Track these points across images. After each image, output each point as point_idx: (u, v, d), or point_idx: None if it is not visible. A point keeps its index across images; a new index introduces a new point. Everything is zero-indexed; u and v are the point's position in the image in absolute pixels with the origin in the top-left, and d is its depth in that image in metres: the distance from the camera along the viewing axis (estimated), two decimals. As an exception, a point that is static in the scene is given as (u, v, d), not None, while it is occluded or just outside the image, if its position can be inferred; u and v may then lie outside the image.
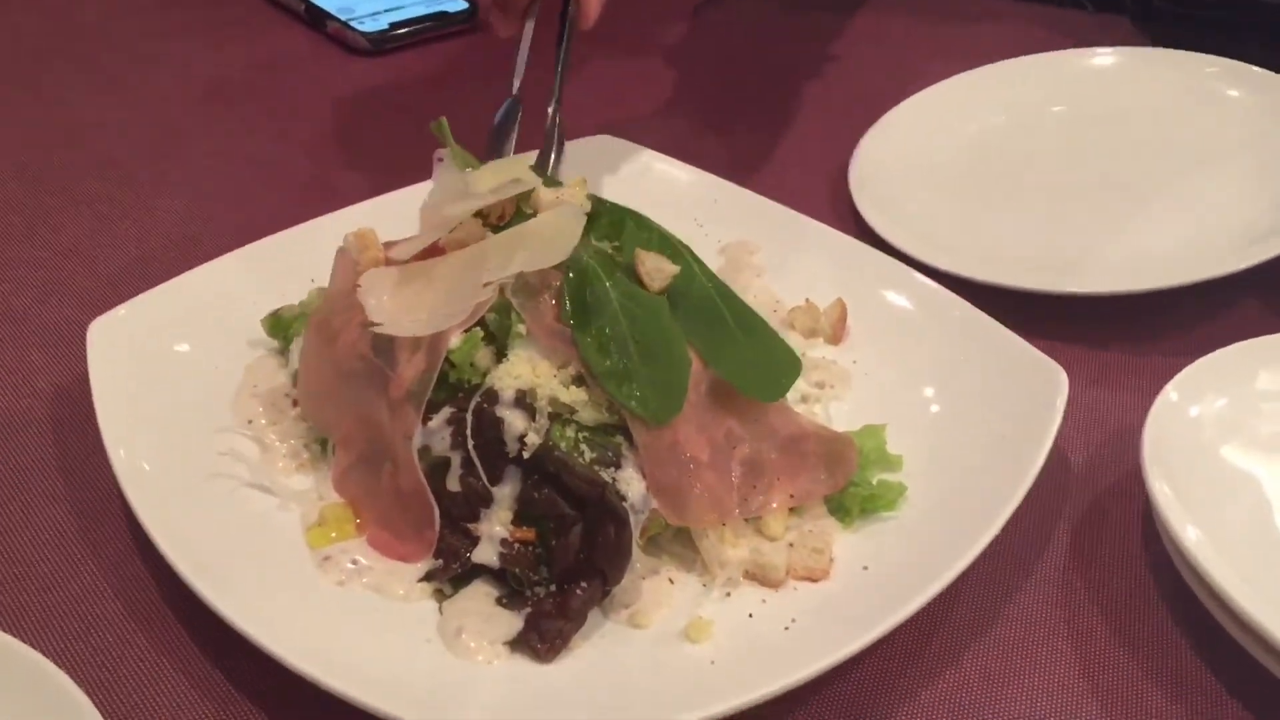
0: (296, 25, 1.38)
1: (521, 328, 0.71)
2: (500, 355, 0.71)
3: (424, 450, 0.70)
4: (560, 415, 0.69)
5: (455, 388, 0.71)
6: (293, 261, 0.89)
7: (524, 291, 0.72)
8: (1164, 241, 0.97)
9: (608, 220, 0.80)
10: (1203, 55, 1.12)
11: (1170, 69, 1.14)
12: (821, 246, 0.94)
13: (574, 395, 0.69)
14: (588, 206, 0.77)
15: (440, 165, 0.81)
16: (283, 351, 0.83)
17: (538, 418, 0.68)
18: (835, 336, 0.88)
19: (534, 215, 0.76)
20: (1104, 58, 1.18)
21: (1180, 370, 0.78)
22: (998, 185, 1.08)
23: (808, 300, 0.89)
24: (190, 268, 0.88)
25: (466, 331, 0.71)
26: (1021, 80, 1.18)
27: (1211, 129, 1.07)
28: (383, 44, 1.32)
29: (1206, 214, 0.99)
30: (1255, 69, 1.08)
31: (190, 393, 0.80)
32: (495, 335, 0.72)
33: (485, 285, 0.71)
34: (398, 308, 0.72)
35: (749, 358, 0.76)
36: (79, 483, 0.79)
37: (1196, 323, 0.94)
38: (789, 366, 0.77)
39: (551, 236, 0.73)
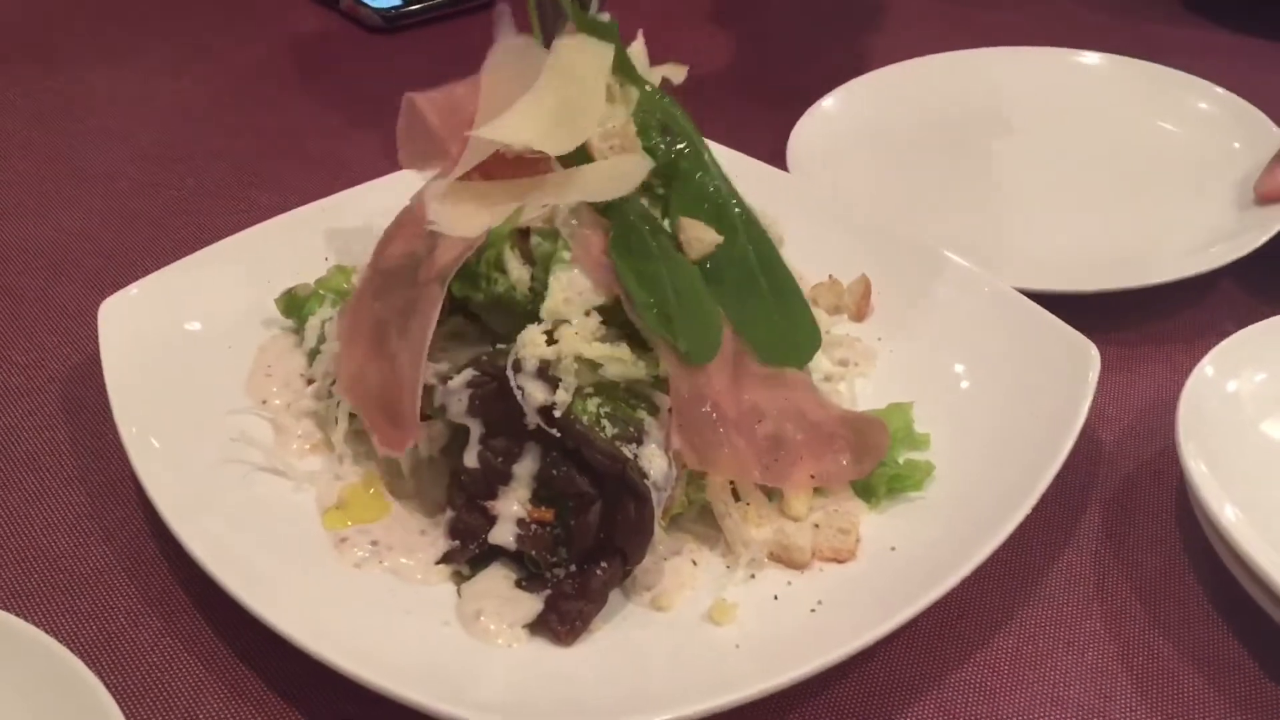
0: (310, 2, 1.37)
1: (566, 254, 0.70)
2: (538, 291, 0.70)
3: (439, 410, 0.69)
4: (582, 389, 0.67)
5: (474, 317, 0.71)
6: (307, 239, 0.88)
7: (571, 226, 0.71)
8: (1127, 240, 0.97)
9: (662, 168, 0.76)
10: (1177, 72, 1.14)
11: (1146, 78, 1.15)
12: (843, 221, 0.92)
13: (599, 350, 0.67)
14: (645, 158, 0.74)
15: (500, 21, 0.77)
16: (297, 330, 0.82)
17: (564, 377, 0.66)
18: (859, 313, 0.86)
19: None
20: (1089, 58, 1.18)
21: (1209, 347, 0.77)
22: (950, 173, 1.06)
23: (831, 276, 0.87)
24: (203, 246, 0.87)
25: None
26: (995, 69, 1.17)
27: (1175, 138, 1.09)
28: (396, 21, 1.31)
29: (1172, 214, 0.99)
30: (1218, 88, 1.10)
31: (203, 373, 0.78)
32: (536, 260, 0.71)
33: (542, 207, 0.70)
34: (454, 213, 0.71)
35: (774, 323, 0.75)
36: (92, 465, 0.78)
37: (1212, 309, 0.92)
38: (810, 339, 0.76)
39: (613, 176, 0.71)
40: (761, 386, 0.74)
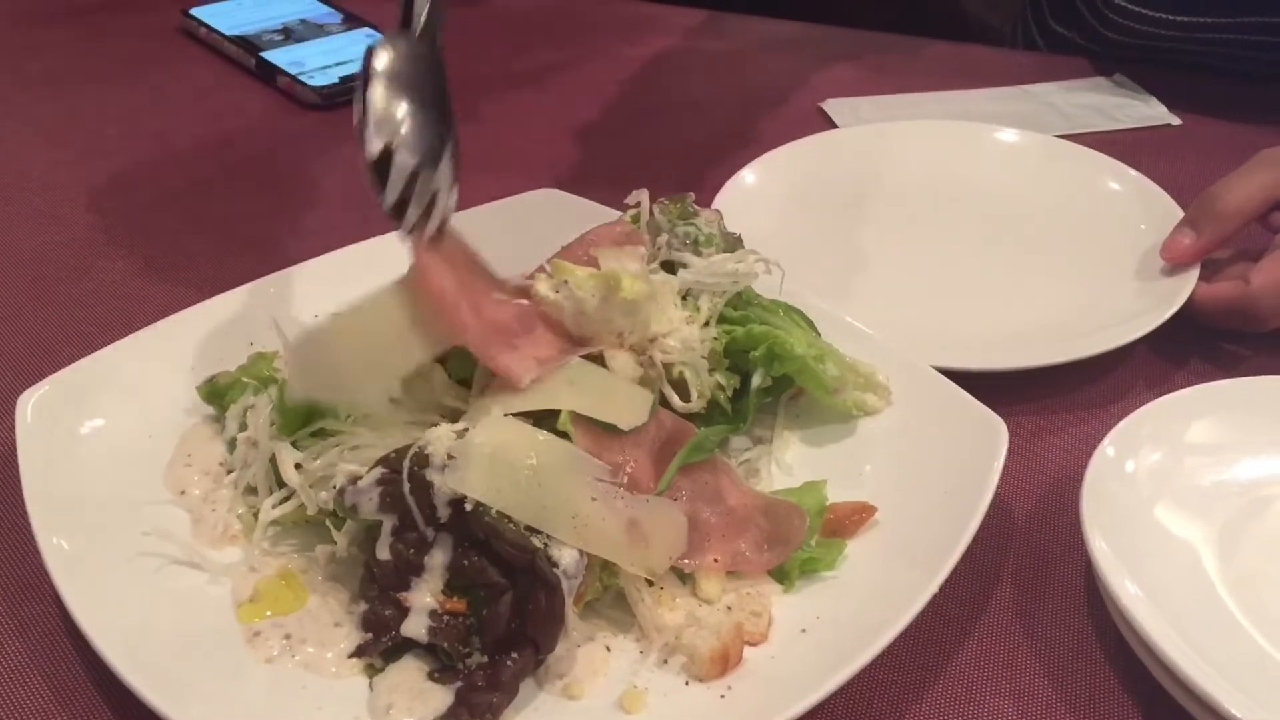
0: (247, 80, 1.38)
1: None
2: None
3: (351, 510, 0.70)
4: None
5: None
6: (232, 326, 0.88)
7: None
8: (1041, 316, 0.98)
9: None
10: (1091, 151, 1.17)
11: (1061, 156, 1.17)
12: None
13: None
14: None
15: None
16: (218, 419, 0.82)
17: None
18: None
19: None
20: (1006, 134, 1.20)
21: (1121, 416, 0.79)
22: (866, 247, 1.08)
23: (752, 354, 0.89)
24: (129, 332, 0.87)
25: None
26: (913, 143, 1.19)
27: (1086, 217, 1.11)
28: (333, 98, 1.32)
29: (1084, 290, 1.01)
30: (1130, 170, 1.13)
31: (121, 465, 0.78)
32: None
33: None
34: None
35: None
36: (7, 557, 0.78)
37: (1127, 378, 0.95)
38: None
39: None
40: (686, 470, 0.76)
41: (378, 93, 0.71)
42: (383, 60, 0.72)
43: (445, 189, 0.73)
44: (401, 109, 0.71)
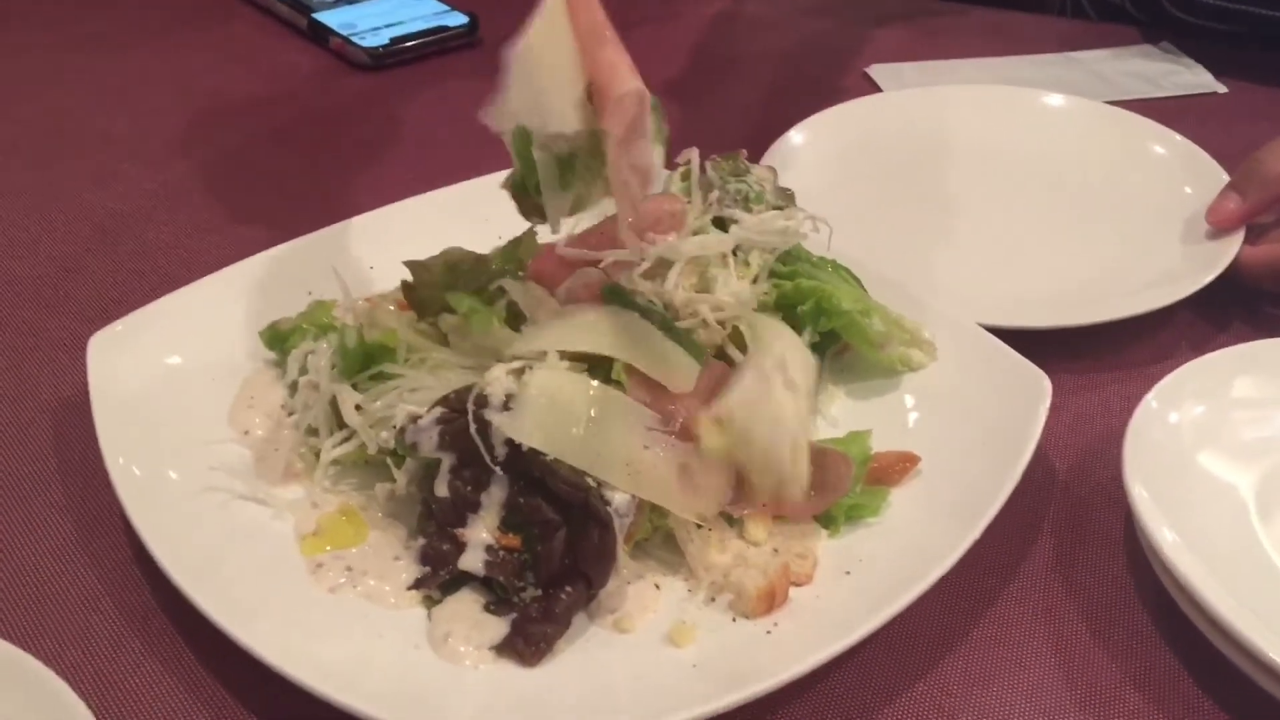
0: (299, 40, 1.40)
1: None
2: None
3: (411, 449, 0.72)
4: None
5: None
6: (291, 275, 0.91)
7: None
8: (1085, 277, 0.99)
9: None
10: (1137, 116, 1.18)
11: (1107, 121, 1.18)
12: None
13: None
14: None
15: None
16: (280, 364, 0.85)
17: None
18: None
19: None
20: (1052, 99, 1.21)
21: (1163, 376, 0.80)
22: (913, 208, 1.09)
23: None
24: (190, 281, 0.89)
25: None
26: (960, 107, 1.21)
27: (1131, 180, 1.11)
28: (384, 59, 1.34)
29: (1128, 252, 1.02)
30: (1176, 135, 1.14)
31: (188, 405, 0.81)
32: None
33: None
34: None
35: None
36: (80, 494, 0.81)
37: (1170, 339, 0.95)
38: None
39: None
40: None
41: None
42: None
43: None
44: None
